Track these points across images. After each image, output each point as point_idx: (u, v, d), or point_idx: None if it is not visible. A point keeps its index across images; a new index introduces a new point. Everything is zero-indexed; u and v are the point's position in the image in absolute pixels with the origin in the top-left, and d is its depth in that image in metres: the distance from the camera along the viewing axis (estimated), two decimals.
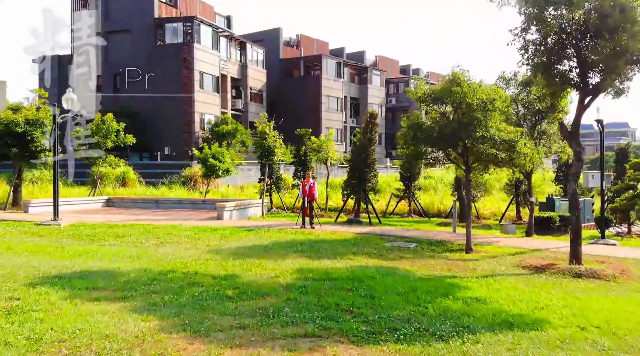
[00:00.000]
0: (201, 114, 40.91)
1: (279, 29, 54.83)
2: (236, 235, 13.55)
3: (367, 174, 18.01)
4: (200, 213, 19.85)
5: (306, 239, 13.15)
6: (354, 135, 21.57)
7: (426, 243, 14.07)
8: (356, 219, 17.94)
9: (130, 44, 42.25)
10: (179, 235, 13.27)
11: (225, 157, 23.47)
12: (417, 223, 20.49)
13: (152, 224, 15.76)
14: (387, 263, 10.29)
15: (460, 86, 13.16)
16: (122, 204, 23.10)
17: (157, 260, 9.54)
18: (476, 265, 10.89)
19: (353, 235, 14.65)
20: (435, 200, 25.91)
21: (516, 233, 17.82)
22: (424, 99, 13.66)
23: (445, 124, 13.24)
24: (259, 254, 10.59)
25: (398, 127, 19.11)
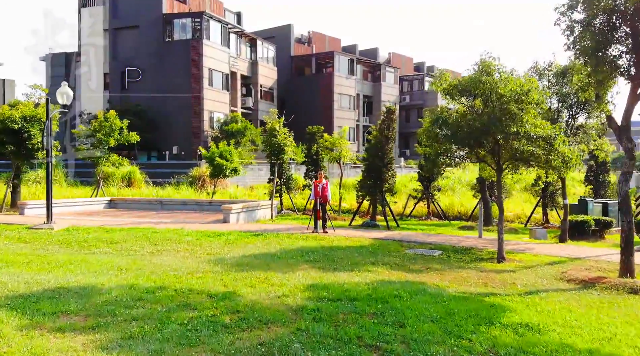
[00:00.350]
0: (210, 112, 39.79)
1: (290, 26, 53.59)
2: (241, 241, 12.28)
3: (384, 174, 16.67)
4: (205, 215, 18.63)
5: (319, 246, 11.85)
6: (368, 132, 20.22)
7: (452, 250, 12.71)
8: (372, 223, 16.61)
9: (138, 41, 41.24)
10: (179, 241, 12.04)
11: (233, 156, 22.23)
12: (437, 227, 19.09)
13: (152, 227, 14.56)
14: (413, 277, 8.94)
15: (490, 75, 11.79)
16: (125, 206, 21.97)
17: (149, 273, 8.29)
18: (514, 278, 9.52)
19: (370, 241, 13.32)
20: (455, 202, 24.46)
21: (547, 238, 16.39)
22: (449, 91, 12.29)
23: (474, 119, 11.86)
24: (265, 264, 9.30)
25: (412, 125, 17.99)
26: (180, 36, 40.53)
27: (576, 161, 12.02)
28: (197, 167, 31.31)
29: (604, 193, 21.73)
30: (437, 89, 12.56)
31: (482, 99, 12.11)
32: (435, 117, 12.41)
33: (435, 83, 12.43)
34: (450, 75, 12.39)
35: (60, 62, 45.82)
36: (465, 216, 23.53)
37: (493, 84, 11.60)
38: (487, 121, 11.40)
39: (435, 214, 22.30)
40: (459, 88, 12.09)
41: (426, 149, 13.15)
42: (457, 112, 12.57)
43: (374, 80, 57.31)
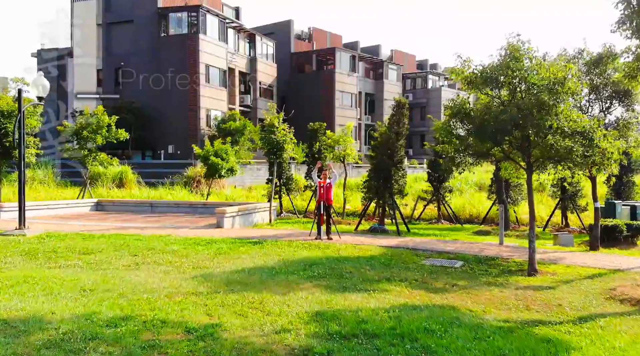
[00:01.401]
0: (207, 109, 38.28)
1: (290, 22, 52.06)
2: (235, 251, 10.73)
3: (393, 174, 15.13)
4: (198, 219, 17.09)
5: (324, 257, 10.31)
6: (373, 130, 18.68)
7: (474, 260, 11.17)
8: (381, 228, 15.07)
9: (132, 36, 39.73)
10: (163, 251, 10.49)
11: (230, 155, 20.73)
12: (450, 232, 17.57)
13: (136, 234, 13.02)
14: (440, 298, 7.41)
15: (519, 61, 10.27)
16: (113, 208, 20.44)
17: (117, 295, 6.76)
18: (557, 298, 7.99)
19: (381, 250, 11.78)
20: (467, 203, 22.94)
21: (574, 244, 14.88)
22: (471, 79, 10.74)
23: (502, 111, 10.33)
24: (260, 283, 7.76)
25: (415, 124, 16.62)
26: (176, 31, 39.05)
27: (618, 157, 10.53)
28: (193, 167, 29.78)
29: (629, 194, 20.20)
30: (457, 78, 11.02)
31: (510, 88, 10.61)
32: (456, 110, 10.88)
33: (455, 71, 10.88)
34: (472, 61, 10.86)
35: (51, 58, 44.28)
36: (477, 219, 22.01)
37: (523, 71, 10.09)
38: (518, 114, 9.88)
39: (445, 217, 20.77)
40: (484, 76, 10.55)
41: (444, 146, 11.61)
42: (480, 104, 11.05)
43: (376, 78, 55.78)
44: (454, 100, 11.20)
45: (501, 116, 10.10)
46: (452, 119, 10.95)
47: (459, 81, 11.03)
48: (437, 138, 11.37)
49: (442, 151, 11.79)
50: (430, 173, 20.58)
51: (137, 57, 38.85)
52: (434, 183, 20.37)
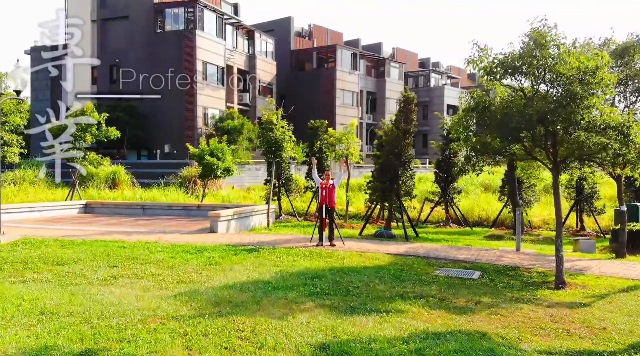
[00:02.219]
0: (204, 108, 37.16)
1: (290, 19, 50.91)
2: (227, 260, 9.62)
3: (401, 175, 14.01)
4: (191, 223, 15.97)
5: (326, 268, 9.19)
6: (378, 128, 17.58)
7: (493, 270, 10.07)
8: (387, 233, 13.96)
9: (127, 32, 38.62)
10: (147, 261, 9.38)
11: (226, 154, 19.59)
12: (460, 236, 16.46)
13: (121, 240, 11.91)
14: (465, 321, 6.30)
15: (545, 48, 9.17)
16: (102, 211, 19.33)
17: (82, 321, 5.66)
18: (597, 318, 6.88)
19: (389, 258, 10.67)
20: (475, 205, 21.83)
21: (595, 250, 13.78)
22: (491, 69, 9.63)
23: (525, 104, 9.24)
24: (254, 302, 6.65)
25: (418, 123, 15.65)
26: (172, 27, 37.94)
27: None
28: (189, 167, 28.65)
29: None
30: (475, 68, 9.91)
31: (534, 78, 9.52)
32: (474, 103, 9.77)
33: (473, 61, 9.75)
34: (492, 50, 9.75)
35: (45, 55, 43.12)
36: (486, 222, 20.91)
37: (549, 60, 8.99)
38: (545, 107, 8.78)
39: (454, 220, 19.65)
40: (505, 66, 9.44)
41: (459, 144, 10.50)
42: (501, 97, 9.95)
43: (378, 76, 54.66)
44: (471, 93, 10.09)
45: (526, 110, 9.01)
46: (468, 114, 9.84)
47: (476, 71, 9.92)
48: (452, 135, 10.25)
49: (457, 150, 10.67)
50: (437, 173, 19.47)
51: (132, 54, 37.75)
52: (441, 183, 19.26)
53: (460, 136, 10.40)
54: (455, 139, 10.69)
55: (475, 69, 9.91)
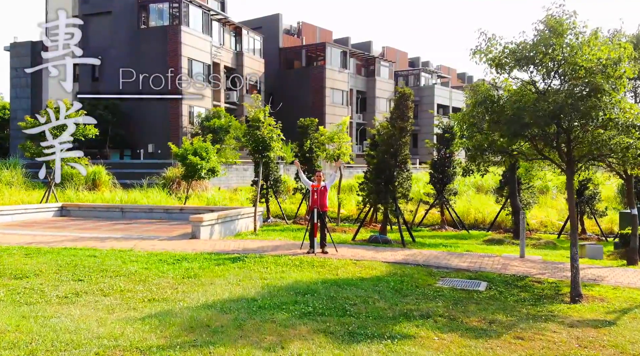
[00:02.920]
0: (190, 106, 36.01)
1: (278, 15, 49.88)
2: (209, 272, 8.62)
3: (397, 176, 13.11)
4: (172, 227, 14.93)
5: (319, 281, 8.24)
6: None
7: (500, 281, 9.21)
8: (382, 238, 13.05)
9: (110, 28, 37.35)
10: (118, 273, 8.36)
11: (211, 153, 18.58)
12: (458, 240, 15.62)
13: (94, 247, 10.87)
14: (482, 348, 5.38)
15: (562, 36, 8.32)
16: (79, 214, 18.20)
17: (25, 355, 4.64)
18: (629, 340, 6.03)
19: (387, 268, 9.75)
20: (471, 207, 21.02)
21: (603, 256, 12.99)
22: (500, 61, 8.76)
23: (538, 99, 8.38)
24: (236, 327, 5.68)
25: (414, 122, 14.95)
26: (157, 23, 36.74)
27: None
28: (172, 167, 27.53)
29: None
30: (482, 59, 9.04)
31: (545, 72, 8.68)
32: (482, 98, 8.89)
33: (479, 51, 8.87)
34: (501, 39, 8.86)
35: (25, 52, 41.66)
36: (483, 225, 20.14)
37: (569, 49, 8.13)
38: (562, 102, 7.92)
39: (449, 223, 18.81)
40: (517, 56, 8.57)
41: (463, 142, 9.62)
42: (509, 91, 9.08)
43: (368, 75, 53.83)
44: (477, 85, 9.21)
45: (540, 104, 8.14)
46: (475, 109, 8.96)
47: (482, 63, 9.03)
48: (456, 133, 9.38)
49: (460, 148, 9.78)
50: (432, 174, 18.62)
51: (115, 51, 36.48)
52: (436, 185, 18.41)
53: (464, 133, 9.53)
54: (459, 137, 9.81)
55: (482, 60, 9.04)
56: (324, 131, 17.75)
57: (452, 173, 18.36)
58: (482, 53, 8.80)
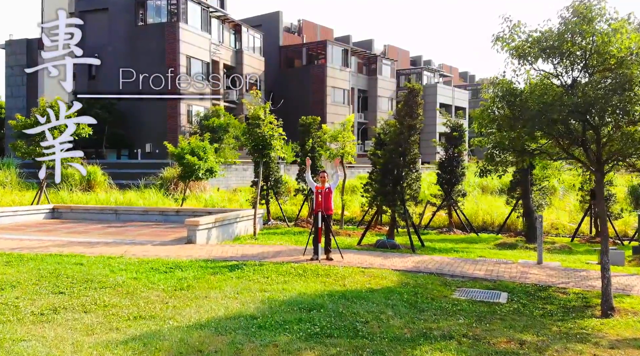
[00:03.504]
0: (189, 105, 35.25)
1: (278, 13, 49.11)
2: (203, 283, 7.85)
3: (406, 177, 12.34)
4: (167, 231, 14.17)
5: (325, 293, 7.47)
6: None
7: (521, 292, 8.45)
8: (390, 243, 12.27)
9: (107, 25, 36.59)
10: (104, 284, 7.59)
11: (208, 153, 17.81)
12: (468, 244, 14.85)
13: (81, 254, 10.10)
14: None
15: (592, 23, 7.56)
16: (71, 215, 17.44)
17: None
18: None
19: (397, 277, 8.98)
20: (479, 209, 20.24)
21: (624, 262, 12.21)
22: (523, 51, 8.00)
23: (565, 93, 7.62)
24: (234, 354, 4.91)
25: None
26: (154, 20, 36.01)
27: None
28: (170, 167, 26.76)
29: None
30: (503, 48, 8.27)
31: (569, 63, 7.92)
32: (502, 91, 8.12)
33: (502, 39, 8.11)
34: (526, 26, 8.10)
35: (20, 50, 40.91)
36: (491, 227, 19.35)
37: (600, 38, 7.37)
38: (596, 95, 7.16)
39: (457, 225, 18.03)
40: (542, 45, 7.80)
41: (481, 140, 8.85)
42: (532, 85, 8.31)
43: (370, 73, 53.05)
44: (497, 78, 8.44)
45: (569, 98, 7.38)
46: (495, 104, 8.19)
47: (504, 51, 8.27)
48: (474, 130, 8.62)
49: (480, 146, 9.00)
50: (440, 175, 17.84)
51: (112, 48, 35.71)
52: (444, 186, 17.63)
53: (482, 130, 8.76)
54: (477, 135, 9.04)
55: (504, 49, 8.28)
56: (327, 130, 16.98)
57: (461, 174, 17.60)
58: (504, 41, 8.04)
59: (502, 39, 8.15)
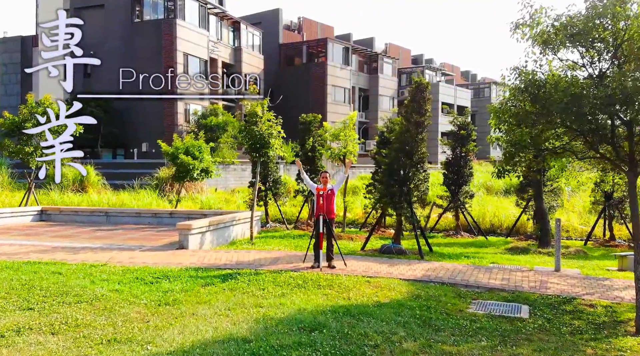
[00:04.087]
0: (186, 103, 34.44)
1: (278, 10, 48.29)
2: (192, 297, 7.04)
3: (413, 177, 11.53)
4: (159, 235, 13.36)
5: (328, 308, 6.66)
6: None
7: (543, 305, 7.66)
8: (396, 248, 11.47)
9: (103, 22, 35.72)
10: (80, 298, 6.78)
11: (204, 153, 17.03)
12: (477, 248, 14.05)
13: (62, 262, 9.30)
14: None
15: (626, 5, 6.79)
16: (60, 218, 16.64)
17: None
18: None
19: (407, 288, 8.16)
20: (486, 210, 19.42)
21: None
22: (548, 37, 7.20)
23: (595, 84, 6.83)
24: None
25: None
26: (151, 16, 35.15)
27: None
28: (165, 167, 25.94)
29: None
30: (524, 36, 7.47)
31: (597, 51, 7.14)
32: (524, 83, 7.32)
33: (524, 25, 7.32)
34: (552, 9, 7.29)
35: (14, 48, 40.13)
36: (500, 230, 18.55)
37: (635, 21, 6.59)
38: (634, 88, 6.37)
39: (465, 228, 17.21)
40: (570, 31, 7.00)
41: (501, 138, 8.04)
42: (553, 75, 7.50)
43: (371, 72, 52.23)
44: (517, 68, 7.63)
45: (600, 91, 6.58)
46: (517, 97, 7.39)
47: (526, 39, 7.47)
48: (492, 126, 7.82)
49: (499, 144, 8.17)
50: (446, 175, 17.02)
51: (108, 46, 34.87)
52: (451, 186, 16.81)
53: (501, 127, 7.95)
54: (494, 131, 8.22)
55: (525, 37, 7.48)
56: (329, 128, 16.17)
57: (468, 174, 16.80)
58: (526, 27, 7.24)
59: (524, 24, 7.35)
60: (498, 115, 7.56)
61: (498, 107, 7.58)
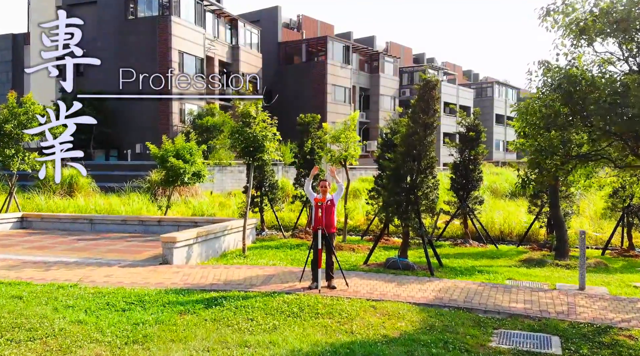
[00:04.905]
0: (181, 103, 33.37)
1: (277, 8, 47.18)
2: (166, 330, 5.97)
3: (420, 184, 10.46)
4: (143, 246, 12.28)
5: (328, 348, 5.60)
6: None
7: (575, 335, 6.62)
8: (402, 262, 10.40)
9: (96, 19, 34.60)
10: (34, 333, 5.72)
11: (195, 155, 15.97)
12: (488, 259, 12.98)
13: (27, 281, 8.24)
14: None
15: None
16: (41, 225, 15.57)
17: None
18: None
19: (417, 315, 7.10)
20: (496, 217, 18.36)
21: None
22: (586, 25, 6.15)
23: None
24: None
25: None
26: (145, 13, 34.09)
27: None
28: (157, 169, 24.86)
29: None
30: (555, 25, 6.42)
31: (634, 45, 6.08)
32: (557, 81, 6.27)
33: (556, 12, 6.27)
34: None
35: (5, 45, 39.06)
36: (509, 237, 17.50)
37: None
38: None
39: (473, 236, 16.14)
40: (612, 17, 5.94)
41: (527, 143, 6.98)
42: (595, 72, 6.45)
43: (372, 71, 51.14)
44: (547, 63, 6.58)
45: None
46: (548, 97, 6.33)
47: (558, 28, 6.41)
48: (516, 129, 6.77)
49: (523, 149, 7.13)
50: (454, 180, 15.95)
51: (101, 43, 33.76)
52: (459, 192, 15.75)
53: (526, 130, 6.90)
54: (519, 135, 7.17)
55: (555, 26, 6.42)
56: (328, 129, 15.10)
57: (478, 178, 15.74)
58: (559, 14, 6.18)
59: (556, 12, 6.29)
60: (524, 117, 6.50)
61: (524, 108, 6.52)
